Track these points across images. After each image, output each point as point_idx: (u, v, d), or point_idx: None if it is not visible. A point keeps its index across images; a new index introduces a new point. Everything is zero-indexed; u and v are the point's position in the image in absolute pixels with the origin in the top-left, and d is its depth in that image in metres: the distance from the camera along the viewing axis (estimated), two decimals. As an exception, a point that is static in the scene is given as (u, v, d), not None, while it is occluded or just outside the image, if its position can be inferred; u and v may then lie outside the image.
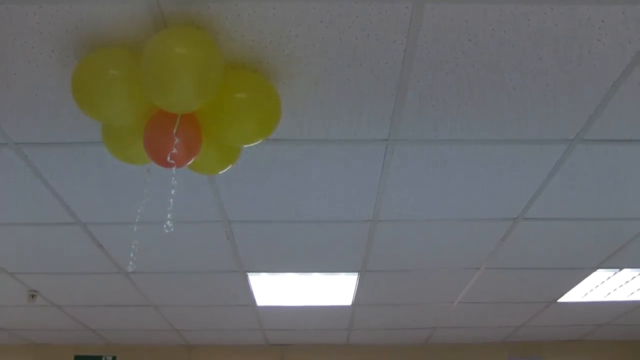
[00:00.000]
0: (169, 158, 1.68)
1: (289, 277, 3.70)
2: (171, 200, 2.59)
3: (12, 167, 2.37)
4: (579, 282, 3.93)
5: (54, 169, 2.40)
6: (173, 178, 2.43)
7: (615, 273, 3.80)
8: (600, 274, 3.82)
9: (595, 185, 2.60)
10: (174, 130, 1.66)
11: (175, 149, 1.66)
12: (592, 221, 2.97)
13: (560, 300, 4.31)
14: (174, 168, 1.80)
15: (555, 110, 2.06)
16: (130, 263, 2.95)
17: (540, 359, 5.39)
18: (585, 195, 2.68)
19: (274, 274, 3.63)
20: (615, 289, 4.12)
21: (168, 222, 2.82)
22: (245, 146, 2.03)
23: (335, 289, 3.96)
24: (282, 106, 1.94)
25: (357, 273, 3.64)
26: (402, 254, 3.35)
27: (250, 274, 3.62)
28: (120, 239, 3.08)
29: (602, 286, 4.05)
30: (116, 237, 3.07)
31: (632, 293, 4.18)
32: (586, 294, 4.19)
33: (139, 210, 2.72)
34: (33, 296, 4.04)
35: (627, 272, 3.77)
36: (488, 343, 5.44)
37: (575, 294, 4.19)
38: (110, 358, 5.37)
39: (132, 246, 3.02)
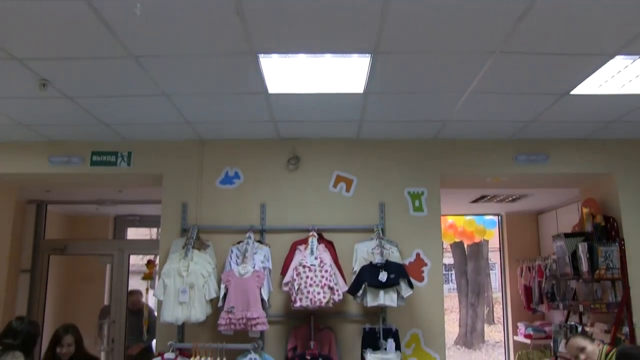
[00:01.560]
0: None
1: (300, 59, 3.66)
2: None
3: None
4: (595, 70, 3.86)
5: None
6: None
7: (634, 61, 3.72)
8: (618, 62, 3.74)
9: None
10: None
11: None
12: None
13: (573, 92, 4.28)
14: None
15: None
16: (138, 5, 2.87)
17: (547, 157, 5.50)
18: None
19: (285, 55, 3.59)
20: (631, 80, 4.07)
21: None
22: None
23: (347, 75, 3.94)
24: None
25: (369, 55, 3.59)
26: (416, 32, 3.27)
27: (261, 55, 3.58)
28: (127, 17, 3.01)
29: (618, 76, 3.99)
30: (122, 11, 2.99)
31: (648, 84, 4.13)
32: (601, 85, 4.14)
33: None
34: (44, 85, 4.05)
35: (646, 59, 3.68)
36: (496, 140, 5.53)
37: (590, 85, 4.14)
38: (126, 154, 5.54)
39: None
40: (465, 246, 15.75)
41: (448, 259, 17.90)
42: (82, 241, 8.05)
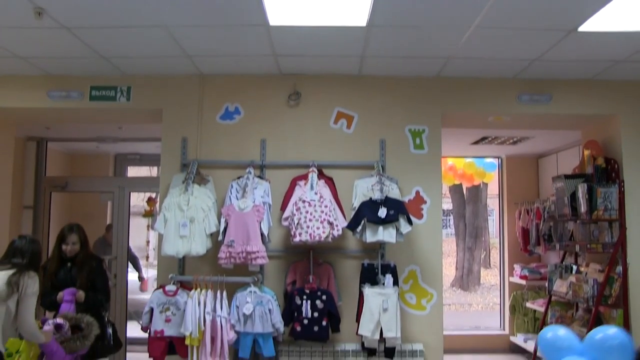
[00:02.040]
0: None
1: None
2: None
3: None
4: (605, 4, 3.76)
5: None
6: None
7: (645, -6, 3.62)
8: (629, -5, 3.65)
9: None
10: None
11: None
12: None
13: (581, 29, 4.18)
14: None
15: None
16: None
17: (550, 97, 5.44)
18: None
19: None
20: (641, 15, 3.97)
21: None
22: None
23: (350, 6, 3.84)
24: None
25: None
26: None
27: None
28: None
29: (628, 11, 3.89)
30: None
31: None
32: (610, 21, 4.04)
33: None
34: (39, 14, 3.96)
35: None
36: (499, 78, 5.45)
37: (599, 21, 4.04)
38: (126, 88, 5.48)
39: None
40: (464, 190, 15.82)
41: (447, 204, 18.01)
42: (83, 178, 8.07)
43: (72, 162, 8.75)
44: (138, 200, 11.47)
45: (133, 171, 9.54)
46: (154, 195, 8.11)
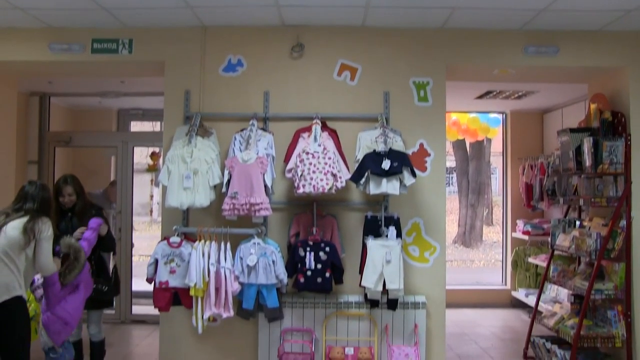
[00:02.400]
0: None
1: None
2: None
3: None
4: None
5: None
6: None
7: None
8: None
9: None
10: None
11: None
12: None
13: (591, -25, 4.08)
14: None
15: None
16: None
17: (557, 49, 5.34)
18: None
19: None
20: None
21: None
22: None
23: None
24: None
25: None
26: None
27: None
28: None
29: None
30: None
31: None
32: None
33: None
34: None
35: None
36: (505, 30, 5.34)
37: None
38: (127, 41, 5.40)
39: None
40: (468, 146, 15.78)
41: (449, 162, 17.98)
42: (86, 133, 8.06)
43: (76, 118, 8.73)
44: (141, 157, 11.47)
45: (136, 127, 9.54)
46: (157, 150, 8.11)
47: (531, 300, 7.72)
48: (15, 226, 3.90)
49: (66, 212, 4.88)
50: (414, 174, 4.75)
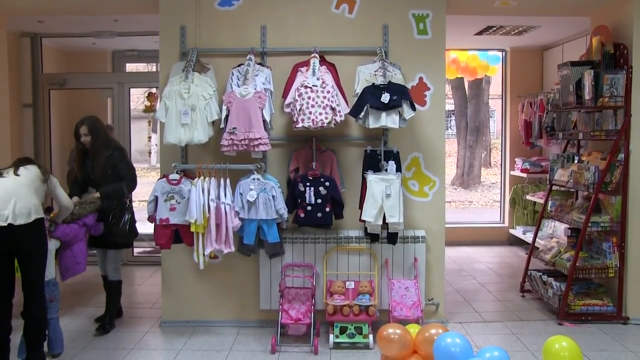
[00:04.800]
0: None
1: None
2: None
3: None
4: None
5: None
6: None
7: None
8: None
9: None
10: None
11: None
12: None
13: None
14: None
15: None
16: None
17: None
18: None
19: None
20: None
21: None
22: None
23: None
24: None
25: None
26: None
27: None
28: None
29: None
30: None
31: None
32: None
33: None
34: None
35: None
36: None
37: None
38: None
39: None
40: (466, 86, 15.66)
41: (448, 105, 17.88)
42: (81, 75, 7.93)
43: (69, 60, 8.55)
44: (138, 104, 11.36)
45: (131, 69, 9.38)
46: (154, 90, 8.00)
47: (528, 238, 7.81)
48: (29, 168, 4.30)
49: (87, 154, 5.12)
50: (413, 107, 4.71)
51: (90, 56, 8.56)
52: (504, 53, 8.86)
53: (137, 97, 9.86)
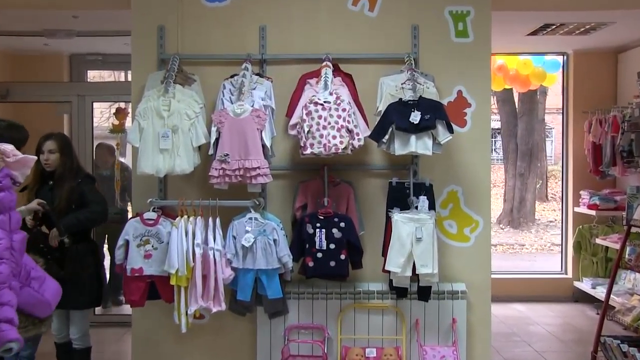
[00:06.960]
0: None
1: None
2: None
3: None
4: None
5: None
6: None
7: None
8: None
9: None
10: None
11: None
12: None
13: None
14: None
15: None
16: None
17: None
18: None
19: None
20: None
21: None
22: None
23: None
24: None
25: None
26: None
27: None
28: None
29: None
30: None
31: None
32: None
33: None
34: None
35: None
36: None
37: None
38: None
39: None
40: (516, 99, 15.71)
41: (494, 122, 17.99)
42: (29, 84, 8.02)
43: (15, 66, 8.70)
44: (102, 119, 11.49)
45: (94, 77, 9.54)
46: (123, 105, 8.11)
47: (599, 293, 7.82)
48: None
49: (48, 179, 5.11)
50: (450, 129, 4.81)
51: (42, 60, 8.71)
52: (565, 57, 8.98)
53: (101, 113, 9.96)
